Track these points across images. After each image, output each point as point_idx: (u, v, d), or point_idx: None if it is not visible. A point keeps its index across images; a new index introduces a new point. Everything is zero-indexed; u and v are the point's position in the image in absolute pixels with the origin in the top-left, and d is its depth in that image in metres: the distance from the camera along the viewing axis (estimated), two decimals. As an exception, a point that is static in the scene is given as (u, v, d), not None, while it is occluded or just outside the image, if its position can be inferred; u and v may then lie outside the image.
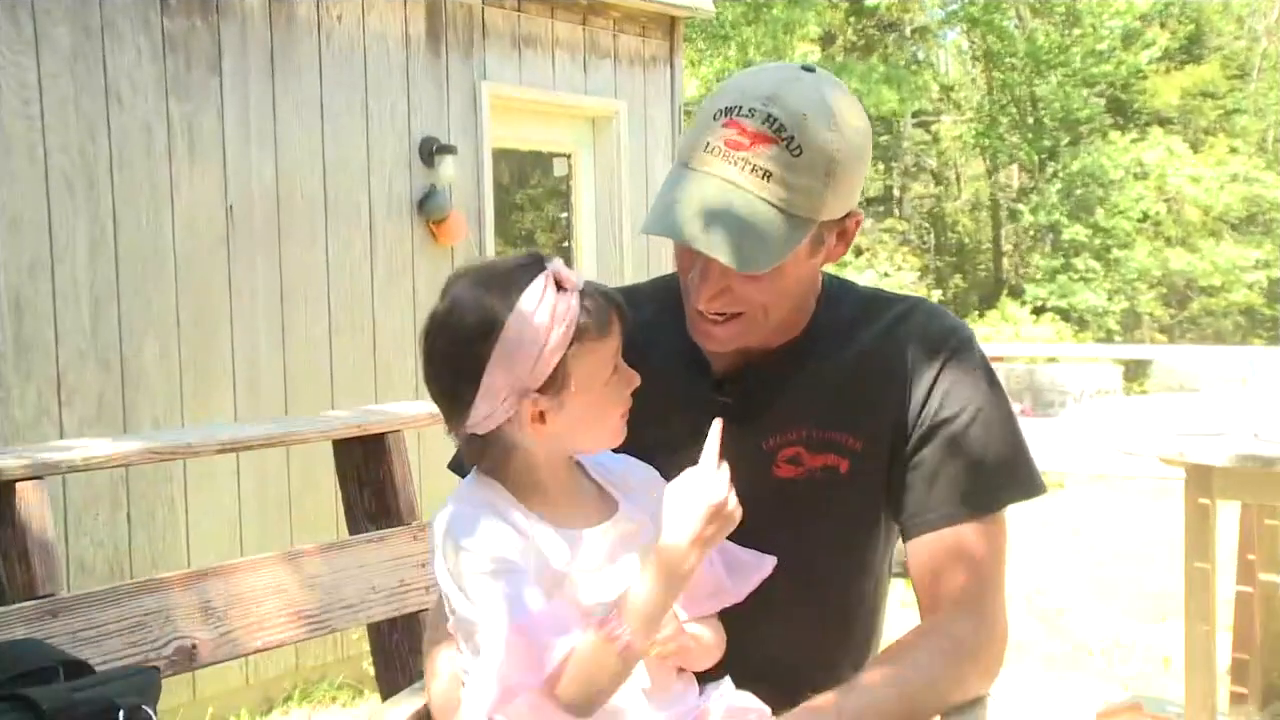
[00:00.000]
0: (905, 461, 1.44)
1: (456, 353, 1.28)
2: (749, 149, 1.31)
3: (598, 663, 1.21)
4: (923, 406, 1.44)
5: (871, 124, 1.49)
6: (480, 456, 1.34)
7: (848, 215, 1.41)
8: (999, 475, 1.44)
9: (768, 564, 1.39)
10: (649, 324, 1.48)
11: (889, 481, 1.46)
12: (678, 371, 1.49)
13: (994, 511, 1.43)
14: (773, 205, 1.31)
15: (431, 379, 1.33)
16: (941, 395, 1.44)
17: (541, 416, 1.28)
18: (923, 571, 1.44)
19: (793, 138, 1.31)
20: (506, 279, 1.29)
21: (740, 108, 1.32)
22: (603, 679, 1.22)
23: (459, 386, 1.29)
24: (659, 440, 1.40)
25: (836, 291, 1.53)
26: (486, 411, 1.28)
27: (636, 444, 1.38)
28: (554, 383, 1.27)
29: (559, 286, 1.28)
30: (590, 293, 1.31)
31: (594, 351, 1.29)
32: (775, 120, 1.31)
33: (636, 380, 1.33)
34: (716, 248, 1.30)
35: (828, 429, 1.45)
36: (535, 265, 1.30)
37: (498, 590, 1.22)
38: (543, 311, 1.26)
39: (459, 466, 1.50)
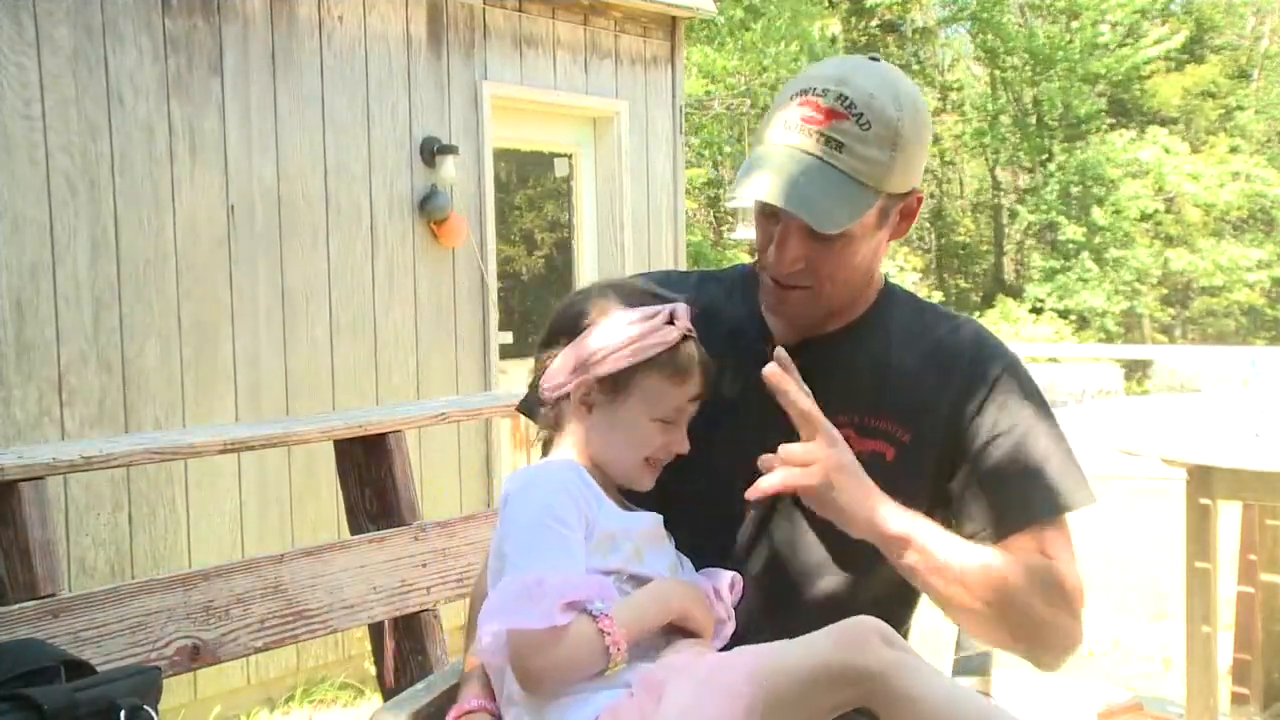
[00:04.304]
0: (966, 472, 1.51)
1: (567, 322, 1.47)
2: (822, 123, 1.43)
3: (585, 645, 1.29)
4: (977, 418, 1.51)
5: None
6: (546, 421, 1.51)
7: (910, 192, 1.51)
8: (1062, 483, 1.50)
9: (730, 579, 1.49)
10: (722, 298, 1.64)
11: (937, 481, 1.52)
12: (740, 335, 1.60)
13: (1060, 515, 1.50)
14: (844, 173, 1.42)
15: (542, 339, 1.51)
16: (997, 409, 1.51)
17: (589, 407, 1.45)
18: None
19: (862, 114, 1.42)
20: (636, 295, 1.48)
21: (814, 89, 1.45)
22: (579, 661, 1.29)
23: (552, 347, 1.48)
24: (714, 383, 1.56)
25: (897, 293, 1.64)
26: (557, 378, 1.46)
27: None
28: (611, 384, 1.44)
29: (670, 321, 1.44)
30: (695, 348, 1.47)
31: (659, 385, 1.44)
32: (846, 98, 1.43)
33: (683, 448, 1.48)
34: (797, 206, 1.41)
35: (878, 416, 1.52)
36: (665, 300, 1.48)
37: (549, 545, 1.33)
38: (642, 326, 1.43)
39: (527, 409, 1.65)
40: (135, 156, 4.03)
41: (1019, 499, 1.48)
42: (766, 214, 1.49)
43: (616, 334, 1.43)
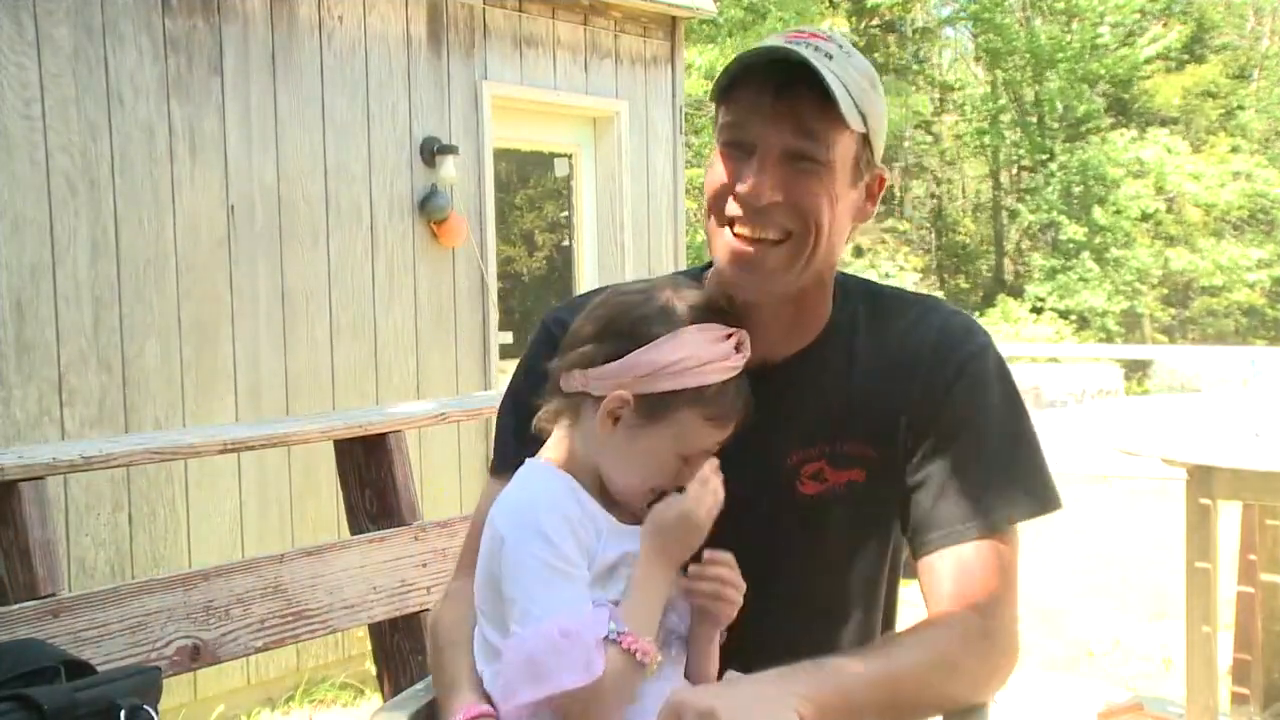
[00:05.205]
0: (913, 473, 1.41)
1: (631, 323, 1.33)
2: (808, 38, 1.36)
3: (625, 673, 1.25)
4: (933, 417, 1.41)
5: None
6: (556, 417, 1.38)
7: (875, 169, 1.42)
8: (1009, 491, 1.39)
9: None
10: None
11: (902, 492, 1.43)
12: None
13: (1003, 530, 1.39)
14: (838, 78, 1.32)
15: (590, 327, 1.36)
16: (953, 407, 1.41)
17: (615, 420, 1.32)
18: (931, 590, 1.41)
19: (842, 44, 1.38)
20: (707, 307, 1.34)
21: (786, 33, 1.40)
22: (625, 691, 1.25)
23: (605, 348, 1.33)
24: None
25: (850, 289, 1.50)
26: (601, 381, 1.32)
27: None
28: (648, 404, 1.31)
29: (738, 348, 1.33)
30: (745, 390, 1.34)
31: (697, 423, 1.32)
32: (825, 31, 1.39)
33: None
34: (819, 81, 1.29)
35: (847, 440, 1.43)
36: (730, 319, 1.35)
37: (559, 587, 1.25)
38: (708, 350, 1.31)
39: (500, 469, 1.49)
40: (135, 156, 4.03)
41: (958, 511, 1.39)
42: (737, 146, 1.35)
43: (685, 351, 1.30)
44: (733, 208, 1.36)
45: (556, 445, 1.38)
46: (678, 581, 1.34)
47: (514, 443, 1.46)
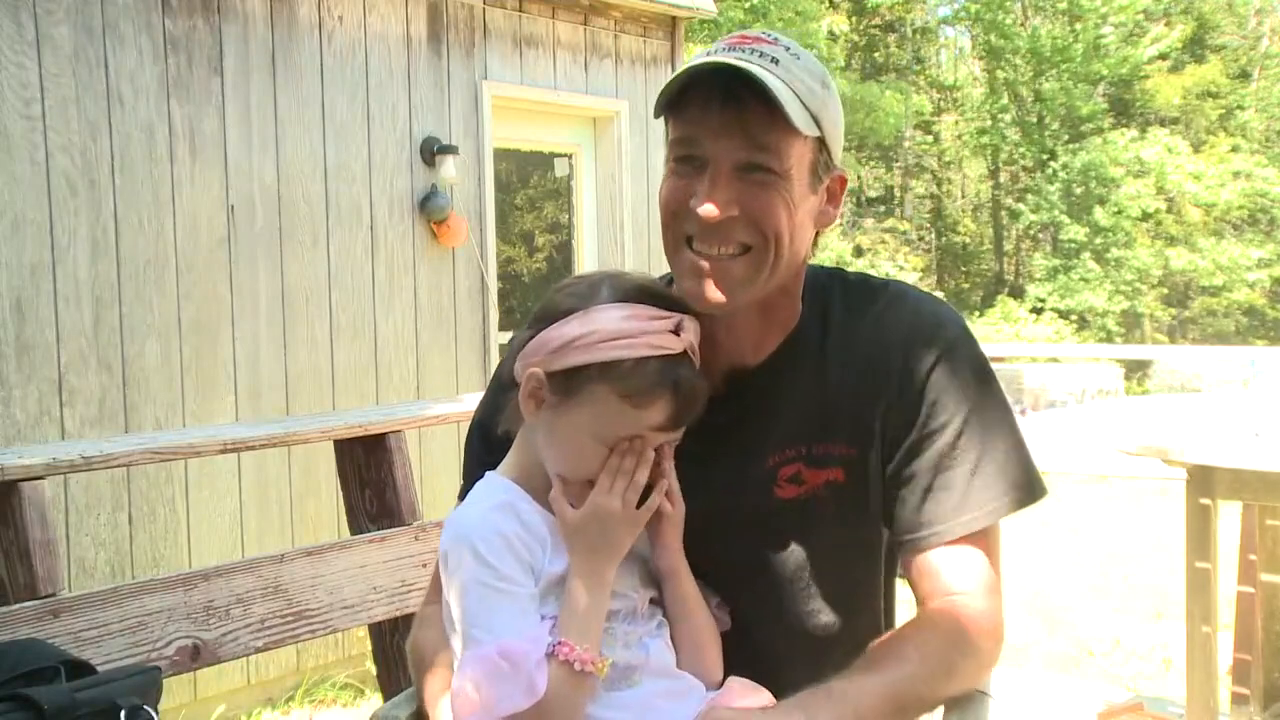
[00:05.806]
0: (895, 473, 1.41)
1: (555, 304, 1.31)
2: (752, 43, 1.32)
3: (569, 687, 1.23)
4: (911, 414, 1.39)
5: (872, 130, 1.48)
6: (514, 418, 1.35)
7: (834, 171, 1.39)
8: (994, 483, 1.39)
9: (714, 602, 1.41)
10: None
11: (883, 487, 1.42)
12: None
13: (987, 525, 1.39)
14: (786, 84, 1.29)
15: (536, 311, 1.35)
16: (930, 403, 1.39)
17: (538, 403, 1.29)
18: (920, 587, 1.41)
19: (789, 47, 1.34)
20: (639, 289, 1.30)
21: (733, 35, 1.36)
22: (574, 705, 1.24)
23: (531, 331, 1.32)
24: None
25: (821, 284, 1.48)
26: (522, 362, 1.30)
27: None
28: (561, 381, 1.26)
29: (676, 332, 1.27)
30: (682, 370, 1.26)
31: (611, 401, 1.25)
32: (770, 34, 1.35)
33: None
34: (762, 92, 1.25)
35: (824, 441, 1.41)
36: (681, 307, 1.31)
37: (499, 609, 1.24)
38: (622, 326, 1.25)
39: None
40: (135, 156, 4.03)
41: (941, 510, 1.38)
42: (688, 161, 1.33)
43: (598, 325, 1.25)
44: (689, 225, 1.34)
45: (514, 451, 1.37)
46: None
47: (479, 470, 1.44)
